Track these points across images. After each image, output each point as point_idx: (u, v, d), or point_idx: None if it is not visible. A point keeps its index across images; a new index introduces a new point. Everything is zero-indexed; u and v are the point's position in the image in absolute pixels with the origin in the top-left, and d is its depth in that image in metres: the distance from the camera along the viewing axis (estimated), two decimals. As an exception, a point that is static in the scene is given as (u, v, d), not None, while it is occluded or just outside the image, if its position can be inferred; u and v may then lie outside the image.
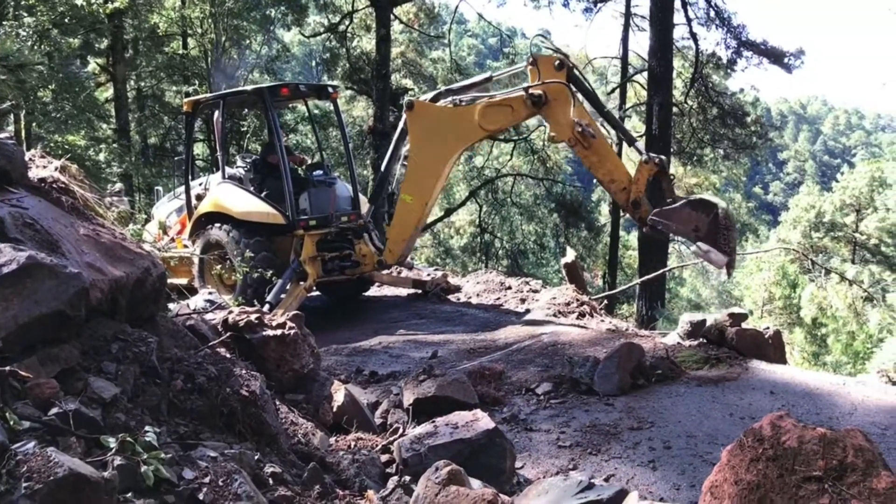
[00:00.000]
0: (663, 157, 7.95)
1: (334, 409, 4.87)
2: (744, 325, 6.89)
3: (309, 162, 10.61)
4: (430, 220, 27.40)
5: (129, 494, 2.30)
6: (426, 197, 9.08)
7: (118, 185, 12.53)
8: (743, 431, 3.07)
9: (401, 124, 9.39)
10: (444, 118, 8.66)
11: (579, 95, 8.03)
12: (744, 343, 6.60)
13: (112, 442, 2.41)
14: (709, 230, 7.18)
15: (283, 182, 9.03)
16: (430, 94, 9.21)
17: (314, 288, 9.93)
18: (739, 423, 5.05)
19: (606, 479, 4.42)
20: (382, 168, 9.85)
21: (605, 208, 31.41)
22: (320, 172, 9.88)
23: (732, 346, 6.64)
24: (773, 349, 6.66)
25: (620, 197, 7.72)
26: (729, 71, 20.49)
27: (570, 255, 11.34)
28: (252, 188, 9.48)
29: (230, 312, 5.06)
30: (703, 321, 7.48)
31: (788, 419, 3.01)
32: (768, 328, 6.86)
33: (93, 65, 23.94)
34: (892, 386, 5.93)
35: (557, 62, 7.97)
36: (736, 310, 7.18)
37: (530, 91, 7.92)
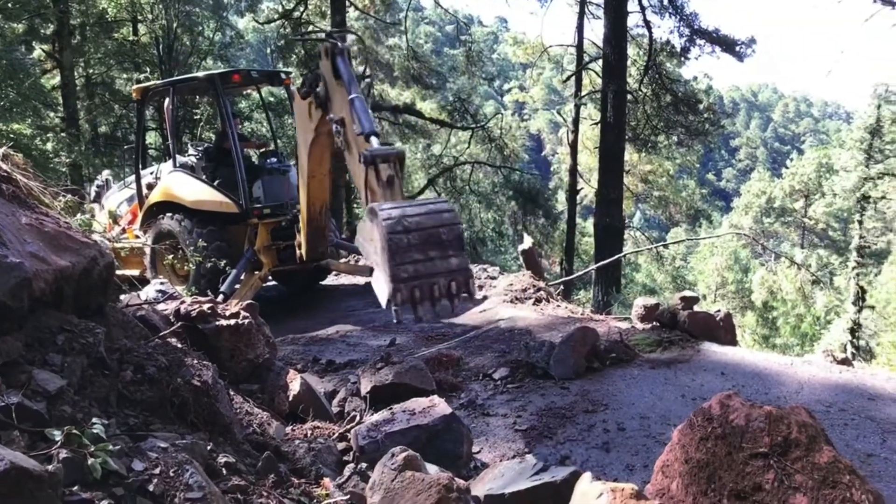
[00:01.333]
0: (388, 150, 5.45)
1: (290, 399, 4.83)
2: (695, 309, 7.03)
3: (269, 147, 10.46)
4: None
5: (76, 488, 2.26)
6: (305, 193, 8.11)
7: (105, 172, 12.13)
8: (693, 411, 3.14)
9: None
10: (299, 111, 7.42)
11: (339, 84, 6.28)
12: (695, 326, 6.74)
13: (57, 435, 2.35)
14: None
15: (236, 170, 8.90)
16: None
17: (269, 277, 9.83)
18: (691, 403, 5.16)
19: (561, 462, 4.48)
20: None
21: (562, 196, 31.72)
22: (274, 160, 9.75)
23: (684, 328, 6.77)
24: (723, 331, 6.81)
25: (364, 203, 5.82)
26: (682, 59, 20.76)
27: (528, 241, 11.42)
28: (204, 176, 9.32)
29: (182, 302, 4.98)
30: (657, 305, 7.61)
31: (736, 398, 3.09)
32: (719, 311, 7.01)
33: (38, 51, 23.21)
34: (837, 365, 6.11)
35: (325, 48, 6.43)
36: (687, 293, 7.32)
37: (315, 91, 6.70)
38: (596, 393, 5.56)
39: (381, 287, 4.63)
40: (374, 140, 5.50)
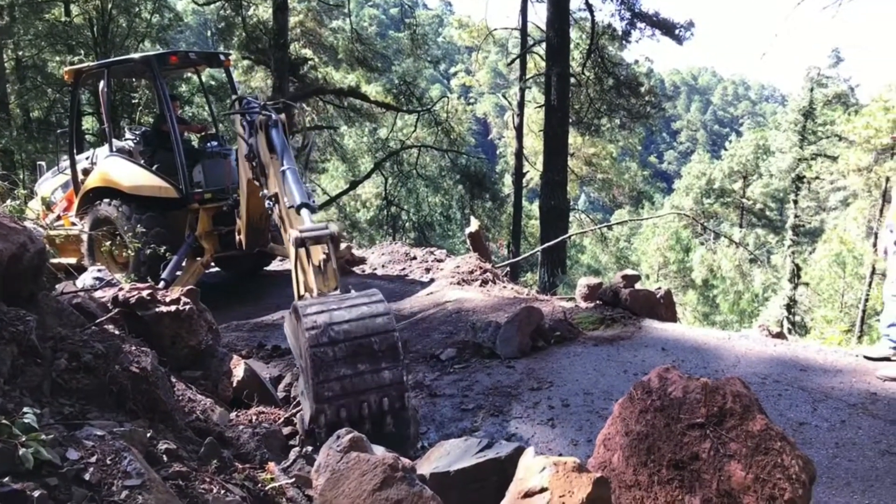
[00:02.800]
0: (321, 232, 4.72)
1: (234, 384, 4.77)
2: (637, 287, 7.16)
3: (210, 131, 10.22)
4: (335, 192, 27.10)
5: (7, 479, 2.19)
6: (245, 202, 7.81)
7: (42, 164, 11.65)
8: (633, 385, 3.21)
9: None
10: (240, 131, 6.58)
11: (273, 158, 5.86)
12: (637, 303, 6.87)
13: (-14, 425, 2.28)
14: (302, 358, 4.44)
15: (175, 154, 8.67)
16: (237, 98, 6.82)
17: (212, 264, 9.65)
18: (633, 379, 5.27)
19: (508, 439, 4.53)
20: None
21: (508, 179, 31.89)
22: (215, 144, 9.53)
23: (626, 306, 6.90)
24: (664, 308, 6.97)
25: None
26: (624, 42, 21.01)
27: (474, 224, 11.46)
28: (142, 161, 9.06)
29: (120, 289, 4.86)
30: (600, 284, 7.74)
31: (674, 371, 3.17)
32: (660, 288, 7.16)
33: (-37, 33, 22.17)
34: (772, 339, 6.31)
35: (262, 120, 6.03)
36: (629, 272, 7.45)
37: (252, 162, 6.24)
38: (541, 371, 5.63)
39: (304, 403, 4.08)
40: (305, 214, 5.07)
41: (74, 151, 9.84)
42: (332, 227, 4.75)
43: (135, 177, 8.82)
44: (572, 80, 19.17)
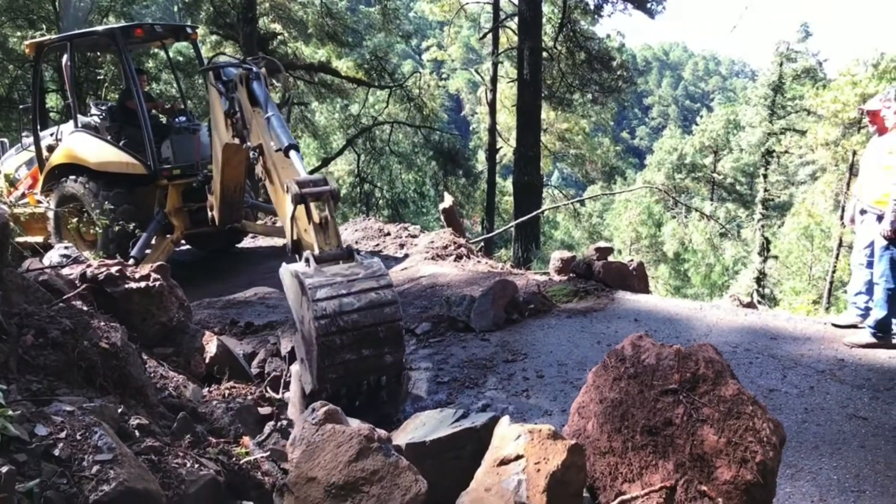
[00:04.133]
0: (320, 188, 4.62)
1: (207, 361, 4.73)
2: (609, 259, 7.21)
3: (173, 107, 10.02)
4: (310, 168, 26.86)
5: (-27, 455, 2.15)
6: (219, 174, 7.58)
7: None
8: (607, 353, 3.23)
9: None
10: (214, 102, 6.82)
11: (256, 111, 5.86)
12: (610, 275, 6.92)
13: (-50, 402, 2.23)
14: (307, 332, 4.39)
15: (143, 129, 8.49)
16: (220, 59, 7.03)
17: (182, 241, 9.52)
18: (606, 349, 5.29)
19: (483, 410, 4.55)
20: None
21: (481, 155, 31.82)
22: (183, 119, 9.35)
23: (599, 278, 6.94)
24: (637, 280, 7.03)
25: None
26: (596, 16, 20.94)
27: (448, 200, 11.42)
28: (109, 137, 8.86)
29: (88, 266, 4.77)
30: (573, 257, 7.78)
31: (647, 339, 3.19)
32: (632, 261, 7.22)
33: (-83, 7, 21.42)
34: (743, 308, 6.40)
35: (240, 76, 6.01)
36: (602, 244, 7.49)
37: (233, 120, 6.23)
38: (515, 343, 5.66)
39: (306, 377, 4.28)
40: (294, 156, 5.12)
41: (38, 128, 9.60)
42: (332, 182, 4.69)
43: (101, 153, 8.63)
44: (545, 54, 19.10)
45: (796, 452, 3.76)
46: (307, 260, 4.25)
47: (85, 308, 3.70)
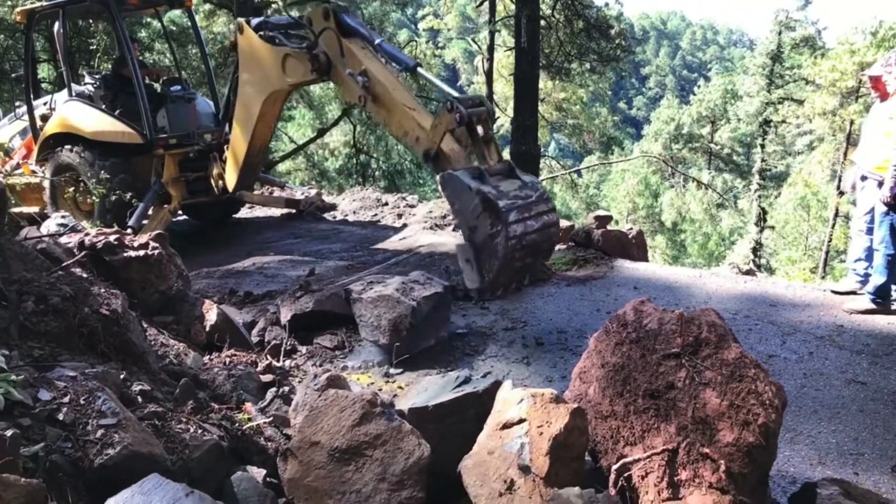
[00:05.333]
0: (480, 108, 5.65)
1: (207, 329, 4.72)
2: (609, 228, 7.19)
3: (166, 76, 9.91)
4: (303, 140, 26.66)
5: (-23, 419, 2.14)
6: (248, 132, 8.02)
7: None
8: (608, 319, 3.22)
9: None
10: (260, 54, 7.47)
11: (351, 41, 6.62)
12: (609, 244, 6.91)
13: (-48, 367, 2.22)
14: (484, 242, 5.52)
15: (138, 98, 8.40)
16: (256, 21, 7.69)
17: (179, 211, 9.48)
18: (606, 317, 5.31)
19: (483, 377, 4.56)
20: (228, 88, 9.17)
21: (478, 125, 31.62)
22: (178, 88, 9.25)
23: (598, 247, 6.94)
24: (636, 248, 7.02)
25: (416, 150, 6.23)
26: (594, -17, 20.71)
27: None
28: (103, 106, 8.78)
29: (87, 234, 4.75)
30: (572, 226, 7.77)
31: (649, 304, 3.19)
32: (631, 229, 7.21)
33: None
34: (742, 276, 6.40)
35: (323, 11, 6.77)
36: (601, 212, 7.47)
37: (313, 54, 6.82)
38: (515, 311, 5.66)
39: (472, 275, 5.56)
40: (421, 70, 6.15)
41: (31, 97, 9.50)
42: (486, 103, 5.72)
43: (96, 122, 8.55)
44: (542, 22, 18.89)
45: (795, 417, 3.79)
46: (482, 175, 5.28)
47: (84, 275, 3.68)
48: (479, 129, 5.60)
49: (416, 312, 4.87)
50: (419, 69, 6.11)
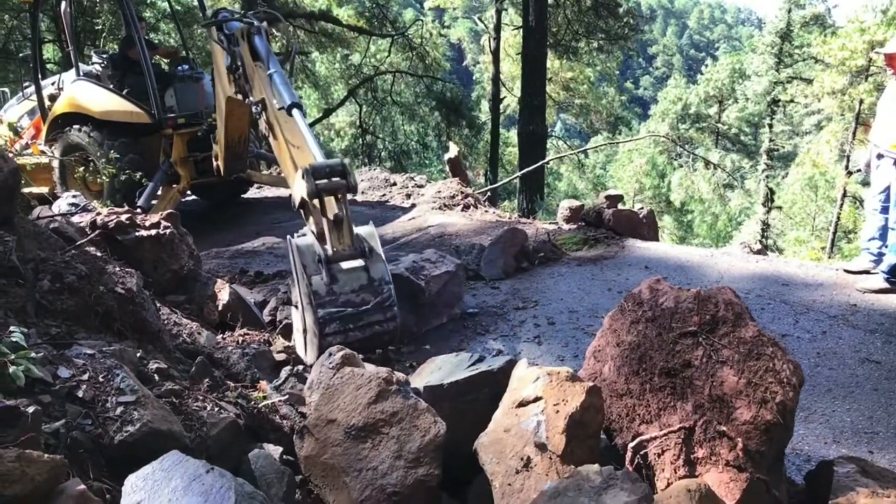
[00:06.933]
0: (335, 182, 4.49)
1: (219, 308, 4.73)
2: (619, 207, 7.16)
3: (175, 53, 9.86)
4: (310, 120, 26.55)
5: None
6: (223, 125, 7.60)
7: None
8: (624, 297, 3.21)
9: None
10: (215, 55, 6.87)
11: (258, 66, 5.74)
12: (620, 223, 6.88)
13: (-28, 344, 2.22)
14: (307, 325, 4.51)
15: (146, 77, 8.37)
16: (224, 14, 6.53)
17: (188, 191, 9.47)
18: (617, 296, 5.31)
19: (495, 356, 4.56)
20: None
21: (485, 106, 31.45)
22: (186, 67, 9.21)
23: (609, 226, 6.91)
24: (646, 228, 7.00)
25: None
26: (602, -39, 20.47)
27: (453, 150, 11.33)
28: (111, 85, 8.75)
29: (98, 214, 4.75)
30: (582, 206, 7.74)
31: (665, 283, 3.17)
32: (642, 208, 7.17)
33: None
34: (754, 255, 6.38)
35: (240, 31, 5.94)
36: (612, 192, 7.44)
37: (234, 75, 6.19)
38: (526, 291, 5.66)
39: (301, 350, 4.48)
40: (297, 114, 5.08)
41: (39, 77, 9.47)
42: (350, 173, 4.53)
43: (105, 102, 8.53)
44: (550, 0, 18.71)
45: (809, 396, 3.78)
46: (320, 260, 4.25)
47: (99, 254, 3.68)
48: (333, 205, 4.48)
49: (426, 292, 4.88)
50: (294, 113, 5.07)
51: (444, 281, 5.05)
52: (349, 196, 4.56)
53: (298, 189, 4.60)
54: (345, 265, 4.28)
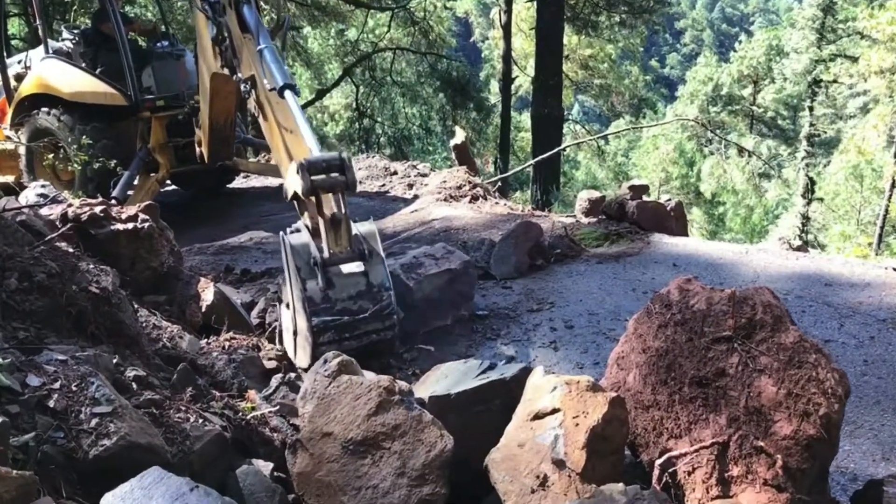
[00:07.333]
0: (333, 178, 4.43)
1: (203, 309, 4.74)
2: (644, 198, 7.16)
3: (154, 29, 9.88)
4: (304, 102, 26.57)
5: (-38, 406, 2.16)
6: (207, 106, 7.61)
7: None
8: (650, 299, 3.21)
9: None
10: (200, 27, 6.88)
11: (247, 38, 5.76)
12: (645, 216, 6.88)
13: (-68, 348, 2.23)
14: (297, 328, 4.60)
15: (121, 55, 8.39)
16: None
17: (168, 181, 9.49)
18: (642, 297, 5.31)
19: (507, 363, 4.56)
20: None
21: (494, 86, 31.45)
22: (165, 44, 9.22)
23: (633, 220, 6.91)
24: (674, 221, 6.99)
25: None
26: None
27: (460, 135, 11.34)
28: (83, 64, 8.77)
29: (70, 206, 4.76)
30: (602, 197, 7.74)
31: (696, 282, 3.16)
32: (670, 200, 7.17)
33: None
34: (793, 252, 6.37)
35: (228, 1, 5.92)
36: (636, 182, 7.44)
37: (220, 47, 6.23)
38: (541, 291, 5.66)
39: (292, 351, 4.53)
40: (289, 97, 5.08)
41: (4, 55, 9.49)
42: (349, 168, 4.46)
43: (76, 82, 8.54)
44: (568, -31, 18.71)
45: (855, 408, 3.77)
46: (315, 263, 4.24)
47: (71, 250, 3.69)
48: (330, 203, 4.45)
49: (415, 292, 4.88)
50: (287, 95, 5.07)
51: (443, 280, 5.03)
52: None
53: (292, 182, 4.58)
54: (342, 269, 4.29)
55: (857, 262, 6.10)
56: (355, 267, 4.31)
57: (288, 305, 4.58)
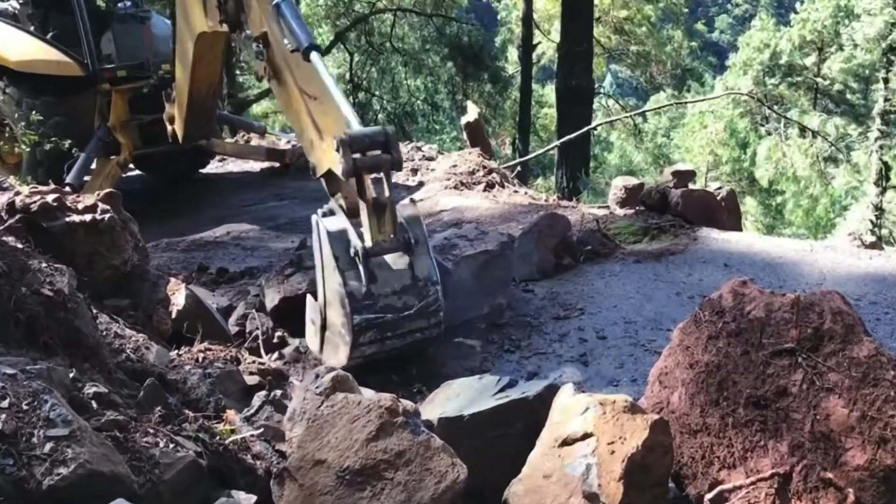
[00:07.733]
0: (379, 157, 4.53)
1: (173, 316, 4.77)
2: (691, 186, 7.15)
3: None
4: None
5: None
6: (188, 73, 7.56)
7: None
8: (699, 305, 3.20)
9: None
10: None
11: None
12: (691, 207, 6.87)
13: None
14: (332, 323, 4.89)
15: (77, 17, 8.42)
16: None
17: (131, 164, 9.52)
18: (688, 303, 5.30)
19: (528, 380, 4.57)
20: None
21: (513, 53, 31.44)
22: (128, 4, 9.26)
23: (677, 212, 6.91)
24: (725, 213, 6.99)
25: (308, 156, 5.53)
26: None
27: (473, 112, 11.36)
28: (32, 27, 8.81)
29: (17, 194, 4.79)
30: (641, 185, 7.74)
31: (753, 286, 3.17)
32: (720, 188, 7.16)
33: None
34: (866, 250, 6.36)
35: None
36: (681, 166, 7.44)
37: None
38: (568, 295, 5.67)
39: (314, 340, 4.90)
40: (315, 58, 5.06)
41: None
42: (393, 144, 4.56)
43: (24, 49, 8.58)
44: (599, -83, 18.70)
45: (940, 433, 3.76)
46: (356, 254, 4.38)
47: (19, 246, 3.71)
48: (373, 187, 4.49)
49: (453, 275, 4.97)
50: (314, 57, 5.09)
51: (480, 262, 5.09)
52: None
53: (327, 159, 4.75)
54: (386, 260, 4.48)
55: (942, 261, 6.09)
56: (400, 258, 4.50)
57: (315, 295, 4.76)
